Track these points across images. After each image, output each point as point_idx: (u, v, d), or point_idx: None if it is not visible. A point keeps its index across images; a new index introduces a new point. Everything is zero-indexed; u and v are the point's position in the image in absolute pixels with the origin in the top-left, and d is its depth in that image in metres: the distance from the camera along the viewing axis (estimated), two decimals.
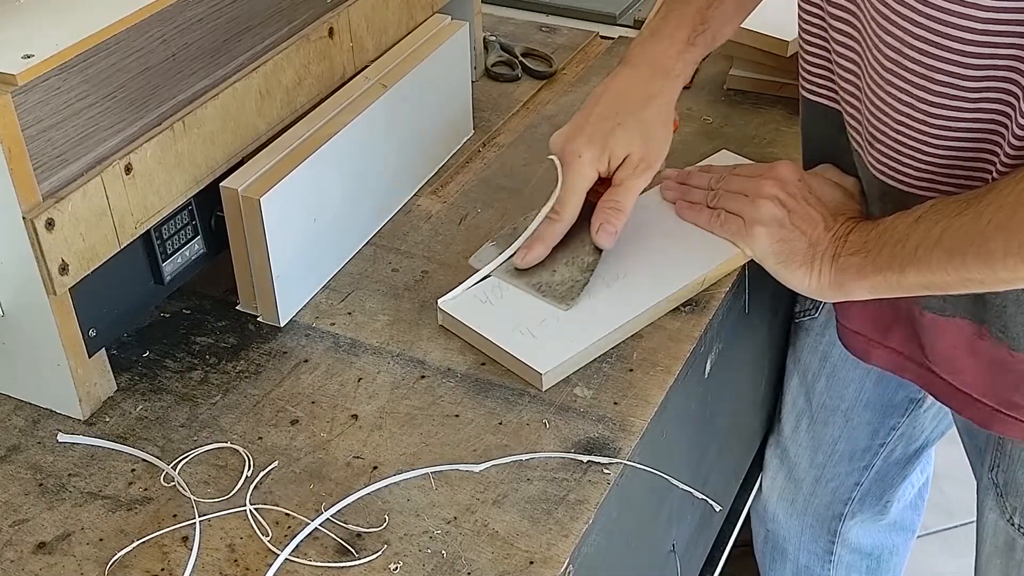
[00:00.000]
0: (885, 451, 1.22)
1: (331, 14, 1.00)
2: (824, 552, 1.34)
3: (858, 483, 1.25)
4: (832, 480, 1.25)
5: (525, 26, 1.43)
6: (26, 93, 0.73)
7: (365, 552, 0.75)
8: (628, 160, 0.93)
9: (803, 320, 1.18)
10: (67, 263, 0.78)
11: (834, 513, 1.29)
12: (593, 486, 0.79)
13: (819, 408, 1.20)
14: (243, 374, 0.90)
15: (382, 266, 1.01)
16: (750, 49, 1.22)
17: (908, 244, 0.81)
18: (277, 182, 0.89)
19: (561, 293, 0.92)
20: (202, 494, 0.80)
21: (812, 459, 1.24)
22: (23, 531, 0.78)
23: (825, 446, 1.22)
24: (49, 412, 0.87)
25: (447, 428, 0.84)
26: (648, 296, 0.93)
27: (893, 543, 1.38)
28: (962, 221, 0.78)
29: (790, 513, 1.31)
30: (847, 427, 1.19)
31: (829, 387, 1.18)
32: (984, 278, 0.77)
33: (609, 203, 0.93)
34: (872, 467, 1.23)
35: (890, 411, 1.18)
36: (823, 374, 1.17)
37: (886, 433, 1.20)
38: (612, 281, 0.94)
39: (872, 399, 1.17)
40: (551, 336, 0.89)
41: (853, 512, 1.28)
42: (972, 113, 0.79)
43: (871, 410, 1.18)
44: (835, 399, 1.18)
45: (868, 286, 0.86)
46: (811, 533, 1.32)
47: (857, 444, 1.21)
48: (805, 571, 1.37)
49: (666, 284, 0.94)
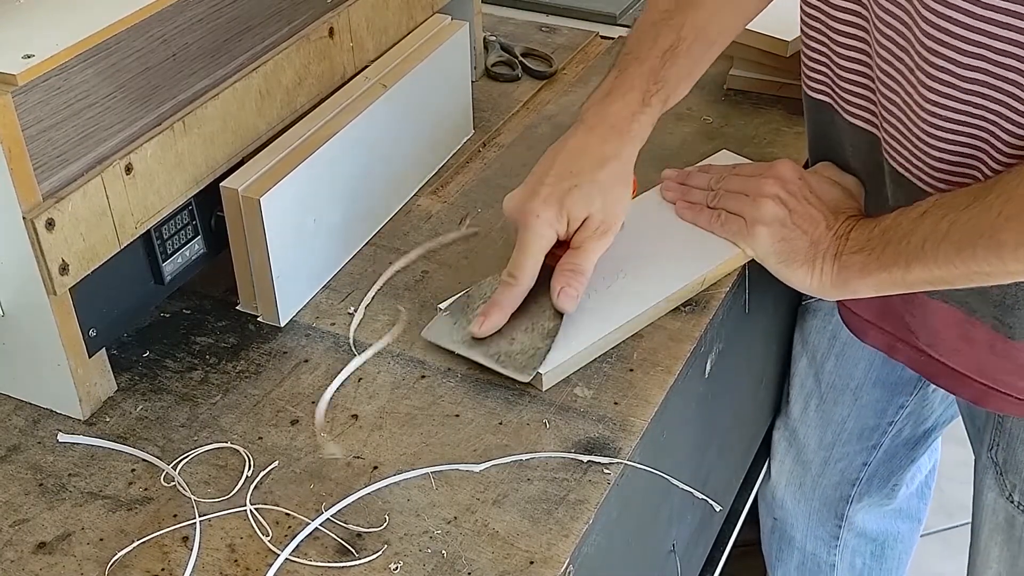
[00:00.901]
0: (893, 430, 1.23)
1: (331, 14, 1.00)
2: (831, 537, 1.34)
3: (866, 463, 1.26)
4: (841, 460, 1.26)
5: (525, 26, 1.43)
6: (26, 93, 0.73)
7: (365, 552, 0.75)
8: (587, 222, 0.89)
9: (811, 302, 1.19)
10: (67, 263, 0.78)
11: (842, 495, 1.30)
12: (593, 486, 0.79)
13: (828, 388, 1.21)
14: (243, 374, 0.90)
15: (382, 266, 1.01)
16: (750, 49, 1.22)
17: (913, 239, 0.82)
18: (277, 182, 0.89)
19: (522, 363, 0.87)
20: (202, 494, 0.80)
21: (821, 439, 1.25)
22: (23, 531, 0.78)
23: (834, 425, 1.23)
24: (49, 412, 0.87)
25: (447, 428, 0.84)
26: (647, 296, 0.93)
27: (898, 530, 1.38)
28: (971, 214, 0.78)
29: (798, 498, 1.32)
30: (856, 405, 1.21)
31: (838, 366, 1.19)
32: (993, 270, 0.78)
33: (568, 265, 0.89)
34: (880, 446, 1.24)
35: (899, 389, 1.19)
36: (832, 353, 1.18)
37: (894, 412, 1.21)
38: (612, 281, 0.94)
39: (881, 376, 1.18)
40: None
41: (860, 494, 1.29)
42: (964, 104, 0.80)
43: (880, 388, 1.19)
44: (844, 378, 1.19)
45: (872, 283, 0.86)
46: (818, 517, 1.33)
47: (866, 423, 1.22)
48: (811, 559, 1.38)
49: (666, 284, 0.94)
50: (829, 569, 1.38)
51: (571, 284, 0.89)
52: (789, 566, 1.41)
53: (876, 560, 1.39)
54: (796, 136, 1.16)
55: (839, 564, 1.37)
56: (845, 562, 1.38)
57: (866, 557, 1.38)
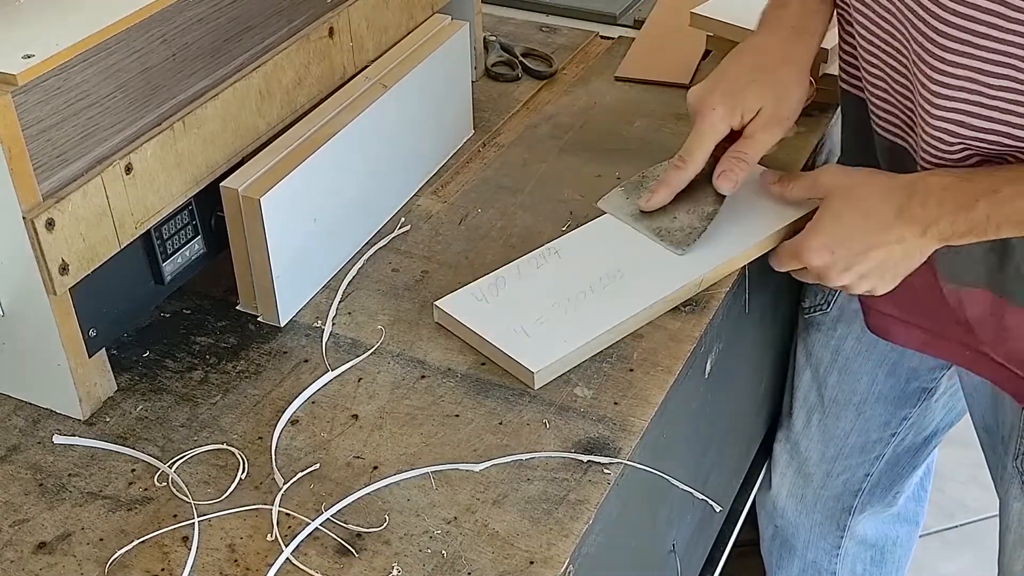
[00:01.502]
0: (896, 440, 1.23)
1: (331, 14, 1.00)
2: (832, 547, 1.34)
3: (868, 474, 1.26)
4: (843, 473, 1.26)
5: (525, 26, 1.43)
6: (26, 93, 0.73)
7: (365, 552, 0.75)
8: (759, 114, 0.95)
9: (814, 315, 1.18)
10: (67, 263, 0.78)
11: (844, 506, 1.30)
12: (593, 486, 0.79)
13: (831, 403, 1.21)
14: (243, 374, 0.90)
15: (382, 266, 1.01)
16: None
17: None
18: (277, 182, 0.89)
19: (679, 239, 0.96)
20: (202, 494, 0.80)
21: (823, 453, 1.25)
22: (23, 531, 0.78)
23: (837, 440, 1.23)
24: (49, 412, 0.87)
25: (447, 428, 0.84)
26: (643, 297, 0.93)
27: (897, 534, 1.38)
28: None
29: (799, 510, 1.32)
30: (859, 420, 1.20)
31: (841, 381, 1.18)
32: None
33: (734, 152, 0.96)
34: (883, 457, 1.24)
35: (902, 402, 1.19)
36: (835, 368, 1.18)
37: (897, 423, 1.21)
38: (608, 281, 0.94)
39: (884, 391, 1.18)
40: (545, 334, 0.89)
41: (863, 505, 1.29)
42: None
43: (883, 402, 1.19)
44: (847, 393, 1.19)
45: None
46: (820, 529, 1.33)
47: (869, 436, 1.22)
48: (812, 567, 1.37)
49: (662, 285, 0.94)
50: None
51: (732, 169, 0.96)
52: (790, 572, 1.41)
53: (876, 565, 1.39)
54: (798, 136, 1.16)
55: (840, 571, 1.37)
56: (846, 569, 1.37)
57: (866, 563, 1.38)
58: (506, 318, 0.91)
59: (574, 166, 1.13)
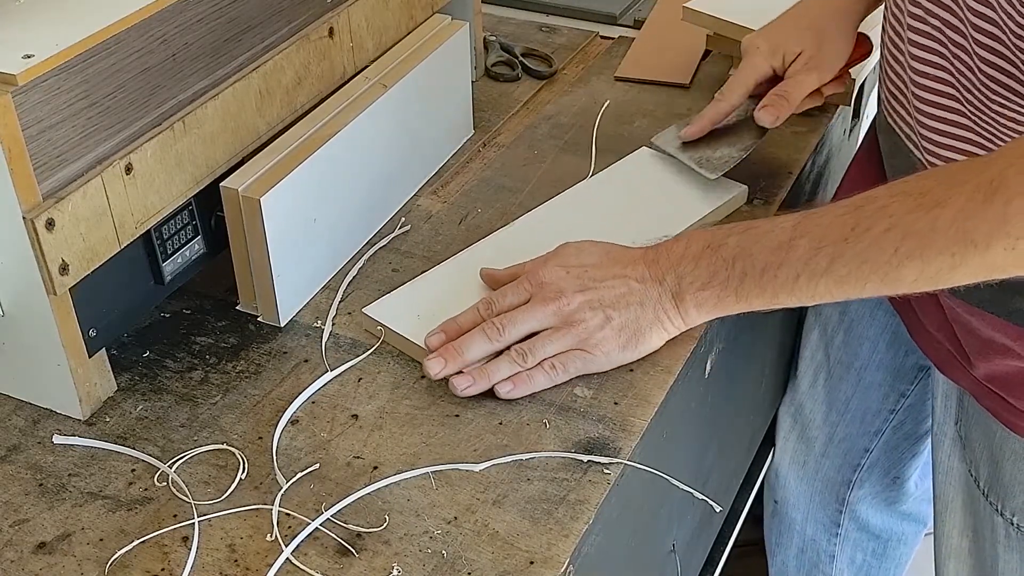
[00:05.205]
0: (895, 419, 1.24)
1: (331, 14, 1.00)
2: (831, 523, 1.35)
3: (868, 449, 1.27)
4: (844, 441, 1.27)
5: (525, 26, 1.43)
6: (26, 93, 0.73)
7: (365, 552, 0.75)
8: (800, 57, 1.02)
9: None
10: (67, 263, 0.78)
11: (843, 479, 1.31)
12: (593, 486, 0.79)
13: (836, 363, 1.23)
14: (243, 374, 0.90)
15: (382, 266, 1.01)
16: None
17: (781, 274, 0.78)
18: (277, 182, 0.89)
19: (714, 166, 1.03)
20: (202, 494, 0.80)
21: (826, 416, 1.27)
22: (23, 531, 0.78)
23: (839, 404, 1.25)
24: (49, 412, 0.87)
25: (447, 428, 0.84)
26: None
27: (903, 532, 1.39)
28: (856, 249, 0.74)
29: (801, 476, 1.34)
30: (860, 386, 1.22)
31: (846, 342, 1.20)
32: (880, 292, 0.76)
33: (776, 91, 1.02)
34: (882, 433, 1.26)
35: (900, 376, 1.20)
36: (841, 328, 1.20)
37: (896, 399, 1.22)
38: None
39: (884, 360, 1.19)
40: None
41: (862, 480, 1.30)
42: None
43: (882, 371, 1.20)
44: (850, 355, 1.21)
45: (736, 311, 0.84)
46: (820, 500, 1.34)
47: (869, 405, 1.24)
48: (811, 545, 1.38)
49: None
50: (828, 559, 1.39)
51: (773, 104, 1.02)
52: (789, 553, 1.42)
53: (877, 558, 1.40)
54: (794, 135, 1.16)
55: (839, 555, 1.38)
56: (845, 555, 1.38)
57: (867, 553, 1.39)
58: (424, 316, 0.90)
59: (574, 166, 1.13)
